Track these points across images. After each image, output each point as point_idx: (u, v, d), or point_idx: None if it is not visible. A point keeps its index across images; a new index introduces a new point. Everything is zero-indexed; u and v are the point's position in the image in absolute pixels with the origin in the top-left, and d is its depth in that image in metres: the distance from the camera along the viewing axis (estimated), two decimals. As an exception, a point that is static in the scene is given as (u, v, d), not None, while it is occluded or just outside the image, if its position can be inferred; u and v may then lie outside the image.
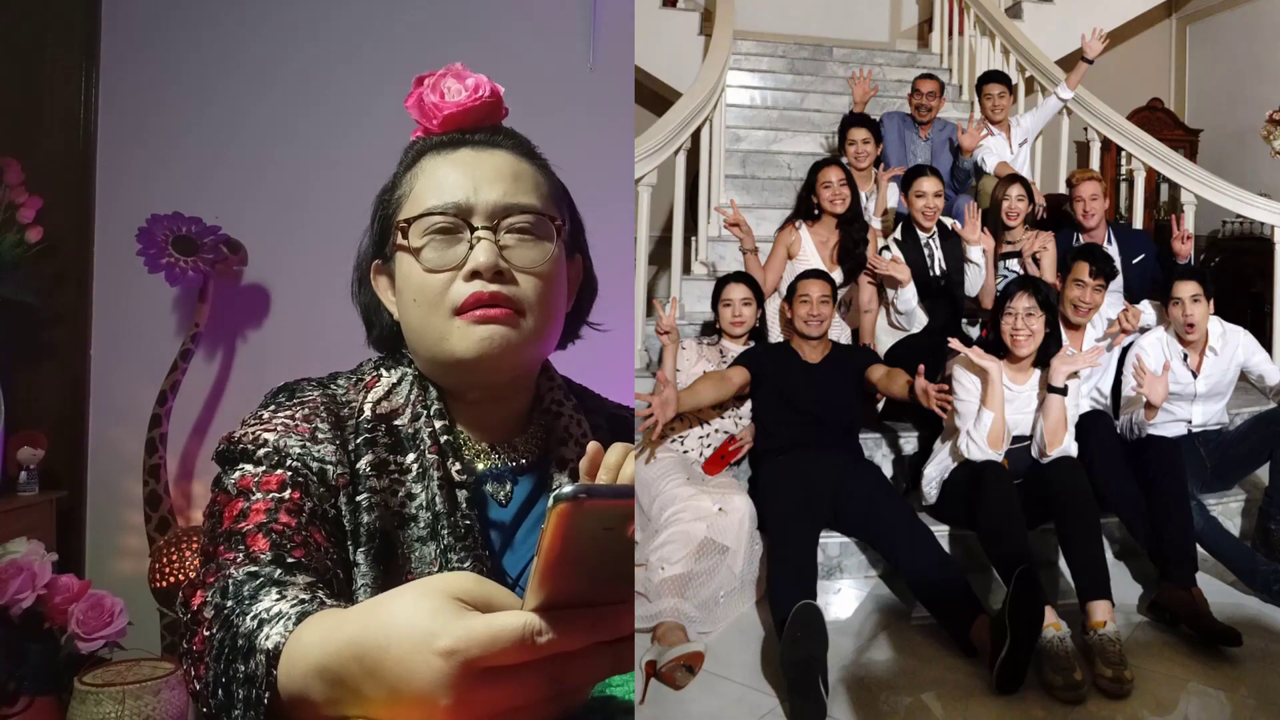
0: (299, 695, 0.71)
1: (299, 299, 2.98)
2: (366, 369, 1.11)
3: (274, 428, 0.98)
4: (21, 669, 2.41)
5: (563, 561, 0.60)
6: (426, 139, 1.10)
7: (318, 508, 0.95)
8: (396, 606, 0.64)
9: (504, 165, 1.05)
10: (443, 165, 1.05)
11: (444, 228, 1.01)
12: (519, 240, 1.03)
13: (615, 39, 2.96)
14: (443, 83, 1.09)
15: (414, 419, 1.05)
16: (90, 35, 3.04)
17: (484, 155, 1.05)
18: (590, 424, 1.16)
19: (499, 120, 1.11)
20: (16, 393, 2.84)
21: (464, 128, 1.08)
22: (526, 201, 1.03)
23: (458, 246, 1.01)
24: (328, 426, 1.00)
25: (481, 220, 1.01)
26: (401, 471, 1.02)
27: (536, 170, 1.08)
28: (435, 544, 1.00)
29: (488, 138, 1.07)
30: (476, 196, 1.02)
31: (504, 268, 1.00)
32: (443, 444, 1.04)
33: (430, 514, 1.00)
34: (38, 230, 2.80)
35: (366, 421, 1.03)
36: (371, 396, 1.06)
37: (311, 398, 1.04)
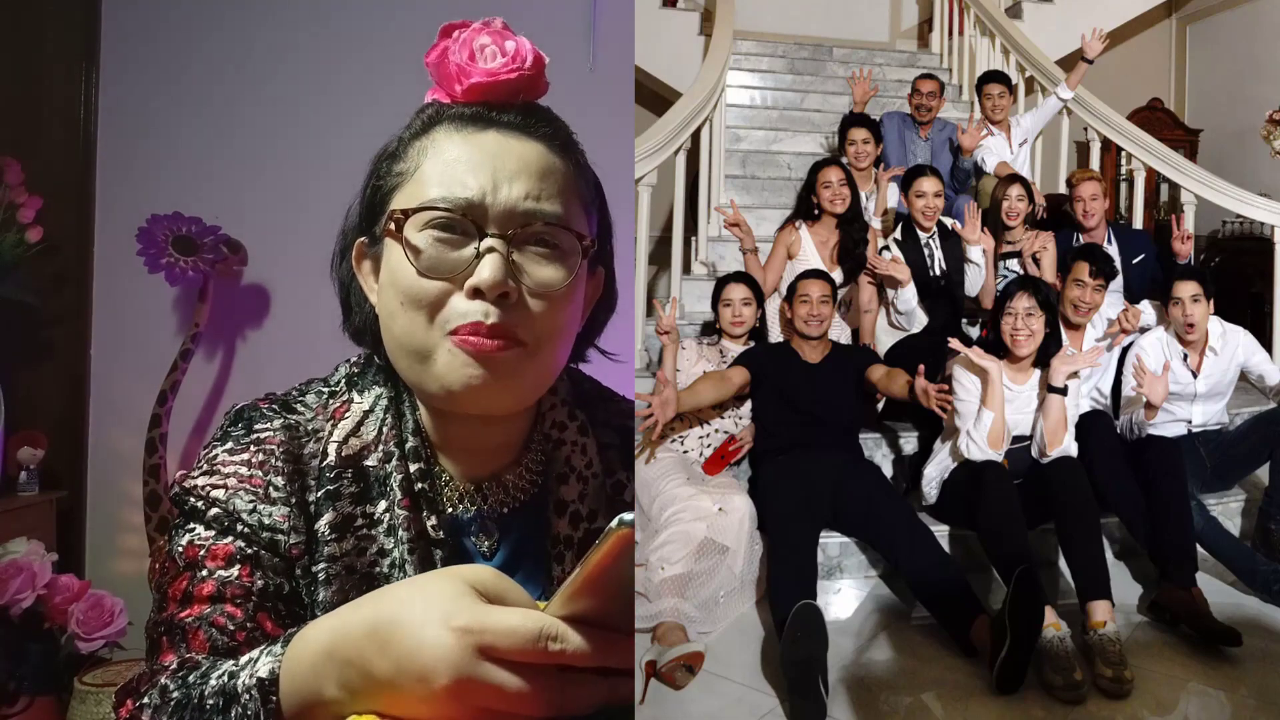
0: (306, 694, 0.68)
1: (299, 299, 2.98)
2: (339, 385, 0.96)
3: (225, 482, 0.86)
4: (21, 669, 2.41)
5: (604, 581, 0.61)
6: (445, 106, 0.91)
7: (269, 584, 0.84)
8: (416, 586, 0.65)
9: (534, 159, 0.86)
10: (460, 146, 0.86)
11: (449, 226, 0.84)
12: (536, 256, 0.85)
13: (615, 39, 2.96)
14: (476, 39, 0.89)
15: (385, 459, 0.91)
16: (90, 35, 3.04)
17: (512, 143, 0.87)
18: (600, 444, 1.00)
19: (537, 97, 0.93)
20: (16, 393, 2.84)
21: (493, 102, 0.89)
22: (552, 209, 0.85)
23: (463, 251, 0.83)
24: (283, 480, 0.87)
25: (495, 227, 0.84)
26: (371, 524, 0.89)
27: (571, 168, 0.90)
28: (409, 570, 0.88)
29: (521, 120, 0.88)
30: (494, 196, 0.84)
31: (511, 289, 0.83)
32: (415, 493, 0.90)
33: (402, 574, 0.88)
34: (38, 230, 2.80)
35: (330, 469, 0.89)
36: (338, 434, 0.91)
37: (268, 435, 0.89)
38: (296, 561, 0.86)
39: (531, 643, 0.61)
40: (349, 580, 0.87)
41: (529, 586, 0.89)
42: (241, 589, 0.83)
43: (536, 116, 0.90)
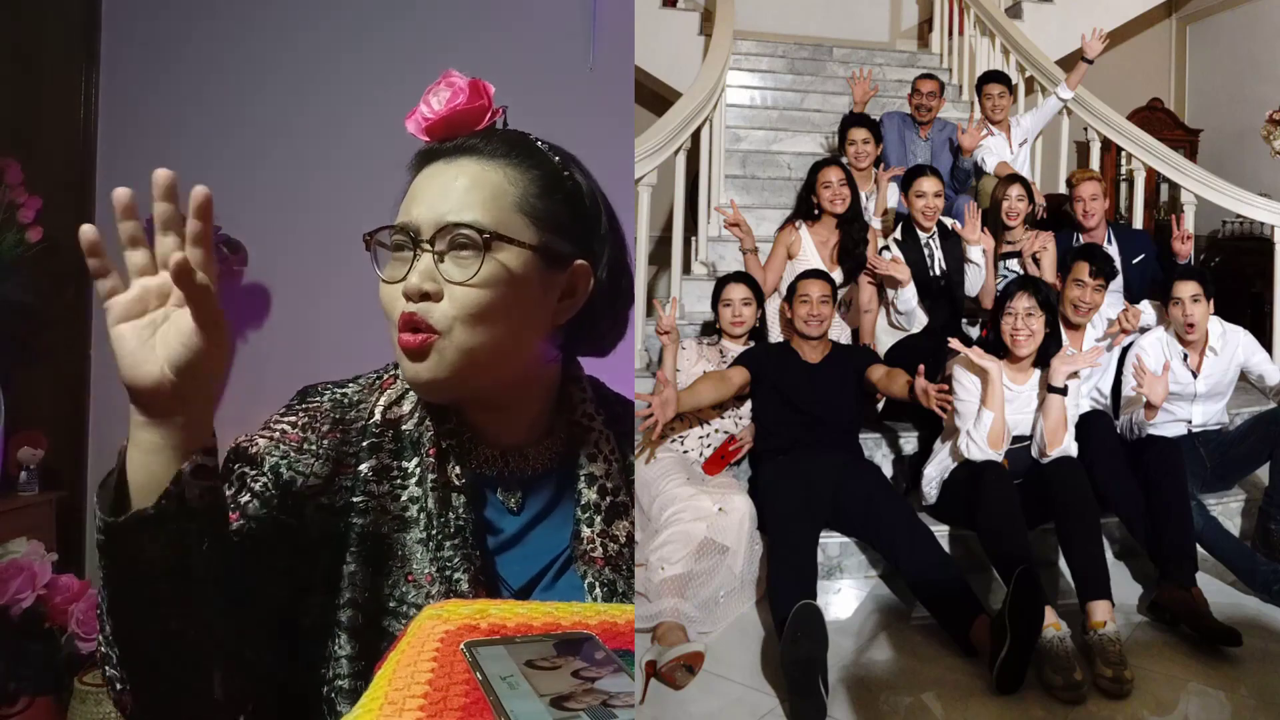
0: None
1: (299, 299, 2.98)
2: (388, 368, 1.14)
3: (270, 435, 1.04)
4: (21, 669, 2.41)
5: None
6: (420, 149, 1.10)
7: (265, 510, 0.99)
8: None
9: (461, 177, 1.04)
10: (416, 178, 1.07)
11: (397, 242, 1.04)
12: (453, 256, 1.02)
13: (615, 39, 2.96)
14: (433, 91, 1.09)
15: (419, 423, 1.08)
16: (90, 35, 3.04)
17: (448, 167, 1.05)
18: (618, 434, 1.17)
19: (479, 125, 1.09)
20: (16, 393, 2.84)
21: (448, 136, 1.08)
22: (468, 216, 1.02)
23: (406, 263, 1.03)
24: (318, 436, 1.04)
25: (426, 237, 1.02)
26: (404, 476, 1.06)
27: (506, 177, 1.05)
28: (430, 544, 1.03)
29: (456, 146, 1.07)
30: (420, 215, 1.03)
31: (432, 289, 1.01)
32: (443, 448, 1.07)
33: (426, 515, 1.04)
34: (38, 230, 2.80)
35: (375, 425, 1.07)
36: (384, 400, 1.10)
37: (315, 404, 1.08)
38: (310, 498, 1.01)
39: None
40: (381, 517, 1.03)
41: (553, 541, 1.10)
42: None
43: (476, 138, 1.07)
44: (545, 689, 0.71)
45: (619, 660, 0.77)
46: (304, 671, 1.01)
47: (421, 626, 0.81)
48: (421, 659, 0.76)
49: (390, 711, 0.70)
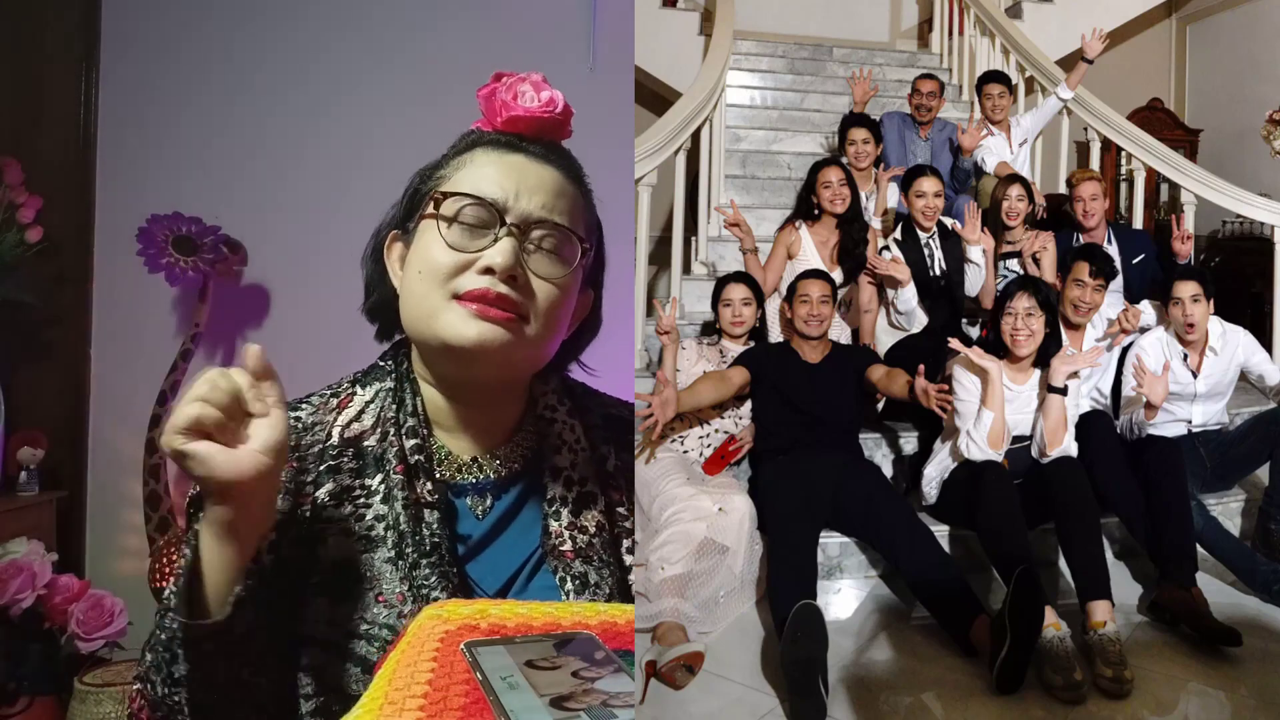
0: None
1: (299, 299, 2.98)
2: (344, 383, 1.11)
3: None
4: (21, 669, 2.41)
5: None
6: (485, 133, 1.10)
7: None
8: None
9: (551, 181, 1.05)
10: (493, 163, 1.05)
11: (476, 214, 1.01)
12: (543, 252, 1.03)
13: (615, 39, 2.96)
14: (519, 85, 1.09)
15: (383, 439, 1.05)
16: (90, 35, 3.04)
17: (535, 166, 1.05)
18: (585, 425, 1.16)
19: (560, 138, 1.12)
20: (16, 393, 2.85)
21: (525, 134, 1.08)
22: (561, 220, 1.04)
23: (483, 238, 1.00)
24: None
25: (513, 221, 1.01)
26: (368, 494, 1.02)
27: (579, 195, 1.09)
28: (402, 562, 1.00)
29: (544, 152, 1.08)
30: (515, 201, 1.02)
31: (519, 274, 1.00)
32: (411, 464, 1.04)
33: (396, 534, 1.00)
34: (38, 230, 2.80)
35: (332, 447, 1.04)
36: (342, 419, 1.07)
37: None
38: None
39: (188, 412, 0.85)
40: (345, 540, 1.00)
41: (524, 541, 1.08)
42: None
43: (557, 152, 1.09)
44: (545, 689, 0.71)
45: (619, 660, 0.77)
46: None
47: (421, 626, 0.81)
48: (421, 659, 0.76)
49: (390, 711, 0.70)
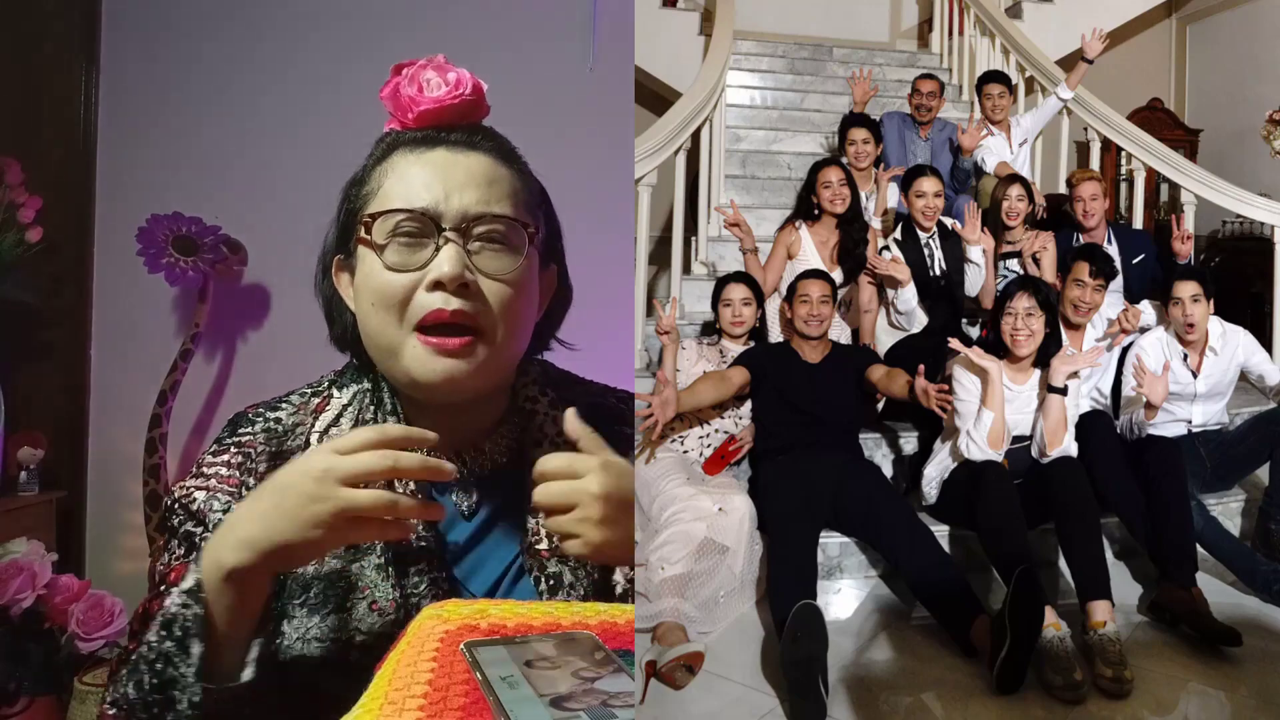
0: (222, 570, 0.82)
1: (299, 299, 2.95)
2: (322, 385, 1.09)
3: (207, 484, 1.00)
4: (21, 669, 2.41)
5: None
6: (400, 133, 1.04)
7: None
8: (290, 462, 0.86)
9: (479, 169, 1.00)
10: (415, 164, 1.00)
11: (410, 230, 0.96)
12: (488, 248, 0.98)
13: (615, 39, 2.96)
14: (422, 75, 1.03)
15: None
16: (90, 35, 3.04)
17: (459, 157, 1.00)
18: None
19: (479, 119, 1.06)
20: (16, 393, 2.84)
21: (440, 125, 1.03)
22: (500, 209, 0.99)
23: (423, 250, 0.96)
24: (256, 478, 0.99)
25: (450, 225, 0.96)
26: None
27: (514, 174, 1.03)
28: (390, 569, 0.98)
29: (465, 138, 1.02)
30: (448, 202, 0.97)
31: (469, 279, 0.95)
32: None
33: (382, 542, 0.98)
34: (38, 230, 2.80)
35: None
36: (319, 424, 1.04)
37: (249, 438, 1.02)
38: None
39: (372, 465, 0.82)
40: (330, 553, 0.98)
41: (508, 542, 1.05)
42: (196, 595, 0.91)
43: (480, 134, 1.04)
44: (545, 689, 0.71)
45: (619, 660, 0.77)
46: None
47: (421, 626, 0.81)
48: (421, 659, 0.76)
49: (390, 711, 0.70)
